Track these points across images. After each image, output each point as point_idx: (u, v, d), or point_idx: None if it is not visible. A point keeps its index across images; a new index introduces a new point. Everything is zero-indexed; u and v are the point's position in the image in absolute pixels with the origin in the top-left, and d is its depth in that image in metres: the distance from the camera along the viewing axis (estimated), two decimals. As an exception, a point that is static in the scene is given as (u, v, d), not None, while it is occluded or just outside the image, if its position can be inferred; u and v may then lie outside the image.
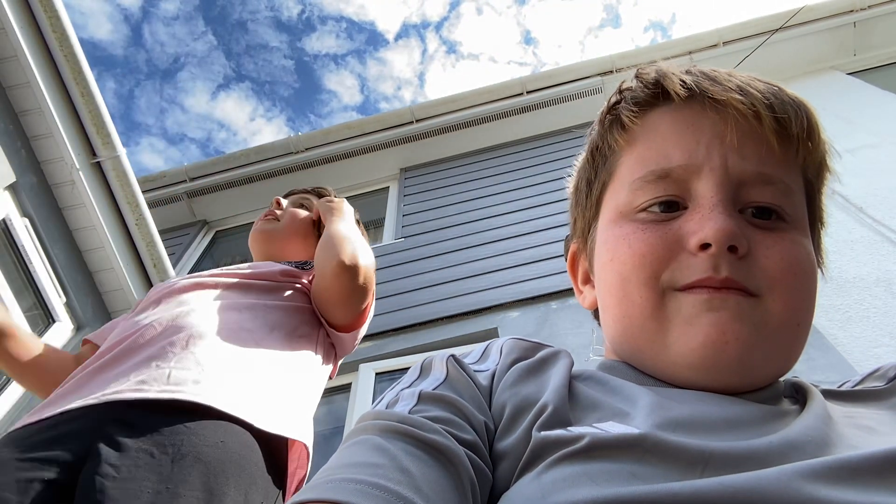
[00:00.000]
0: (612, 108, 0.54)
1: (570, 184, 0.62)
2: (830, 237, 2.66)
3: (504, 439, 0.44)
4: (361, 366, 2.99)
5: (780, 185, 0.48)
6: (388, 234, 4.10)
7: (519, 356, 0.52)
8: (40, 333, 2.58)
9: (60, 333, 2.68)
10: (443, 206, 4.10)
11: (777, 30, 4.25)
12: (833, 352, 2.19)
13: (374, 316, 3.57)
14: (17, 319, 2.43)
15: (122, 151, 2.86)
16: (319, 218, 1.40)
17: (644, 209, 0.49)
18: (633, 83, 0.54)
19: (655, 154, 0.50)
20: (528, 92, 4.61)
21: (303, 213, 1.45)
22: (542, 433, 0.40)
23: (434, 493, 0.37)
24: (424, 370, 0.51)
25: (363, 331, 1.31)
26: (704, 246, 0.45)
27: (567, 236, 0.64)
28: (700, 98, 0.49)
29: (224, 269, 1.25)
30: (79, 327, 2.78)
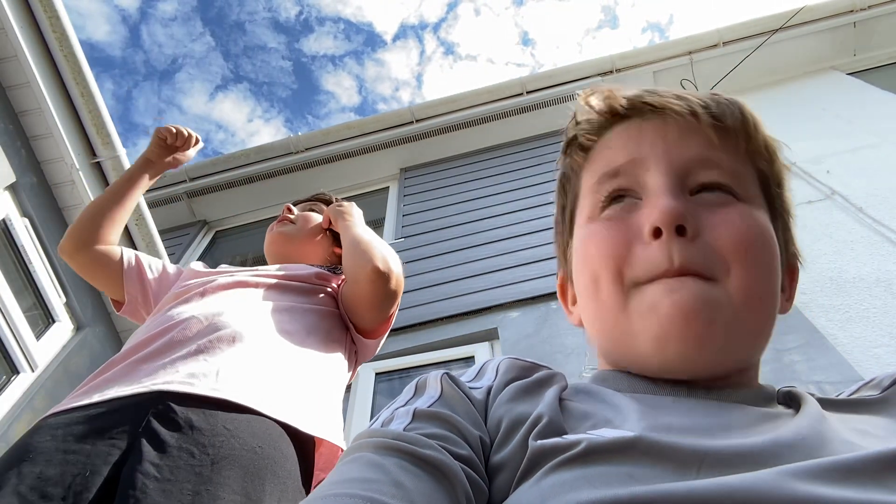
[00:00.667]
0: (571, 140, 0.59)
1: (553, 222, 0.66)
2: (830, 237, 2.67)
3: (500, 452, 0.44)
4: (361, 366, 2.99)
5: (725, 168, 0.51)
6: (388, 234, 4.10)
7: (516, 376, 0.53)
8: (40, 333, 2.58)
9: (60, 333, 2.68)
10: (443, 206, 4.10)
11: (777, 30, 4.25)
12: (833, 352, 2.19)
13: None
14: (17, 319, 2.43)
15: (122, 152, 2.86)
16: (330, 222, 1.44)
17: (605, 207, 0.53)
18: (584, 109, 0.59)
19: (606, 160, 0.54)
20: (528, 92, 4.61)
21: (315, 216, 1.49)
22: (539, 441, 0.41)
23: None
24: (419, 389, 0.52)
25: (385, 338, 1.33)
26: (657, 232, 0.47)
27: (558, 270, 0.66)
28: (640, 109, 0.54)
29: (260, 269, 1.27)
30: (79, 327, 2.78)
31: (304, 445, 0.96)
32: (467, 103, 4.67)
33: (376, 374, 2.96)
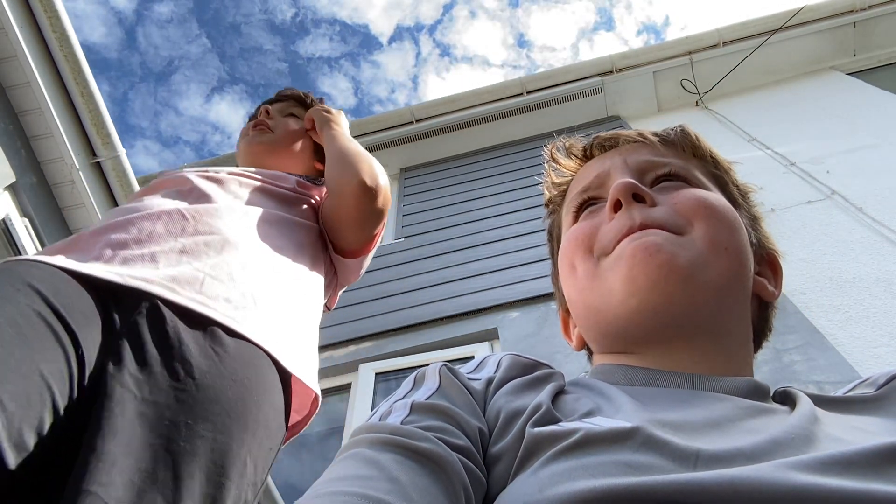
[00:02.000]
0: (548, 200, 0.68)
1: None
2: (830, 237, 2.67)
3: (498, 442, 0.44)
4: (361, 366, 2.99)
5: (676, 165, 0.58)
6: (388, 234, 4.10)
7: (518, 374, 0.53)
8: (40, 333, 2.58)
9: (60, 333, 2.68)
10: (443, 206, 4.10)
11: (777, 30, 4.25)
12: (833, 352, 2.19)
13: (375, 316, 3.54)
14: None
15: (121, 151, 2.86)
16: (313, 125, 1.32)
17: (577, 216, 0.60)
18: (553, 166, 0.67)
19: (578, 186, 0.62)
20: (528, 92, 4.61)
21: (295, 123, 1.36)
22: (536, 429, 0.41)
23: (424, 500, 0.37)
24: (418, 382, 0.51)
25: (370, 258, 1.23)
26: (617, 205, 0.53)
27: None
28: (598, 146, 0.63)
29: (238, 169, 1.13)
30: (79, 327, 2.78)
31: (284, 380, 0.88)
32: (467, 103, 4.68)
33: (376, 374, 2.96)
